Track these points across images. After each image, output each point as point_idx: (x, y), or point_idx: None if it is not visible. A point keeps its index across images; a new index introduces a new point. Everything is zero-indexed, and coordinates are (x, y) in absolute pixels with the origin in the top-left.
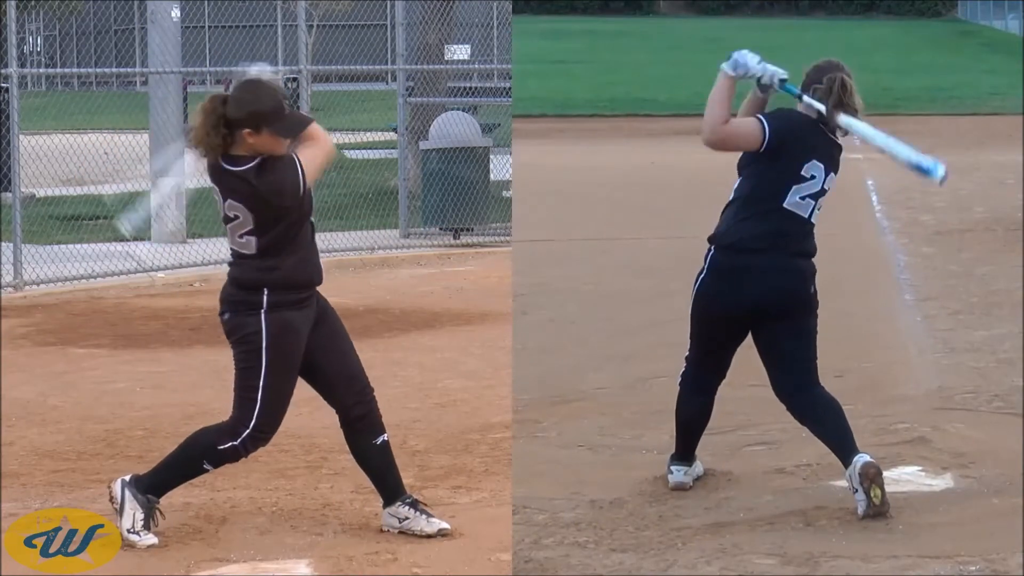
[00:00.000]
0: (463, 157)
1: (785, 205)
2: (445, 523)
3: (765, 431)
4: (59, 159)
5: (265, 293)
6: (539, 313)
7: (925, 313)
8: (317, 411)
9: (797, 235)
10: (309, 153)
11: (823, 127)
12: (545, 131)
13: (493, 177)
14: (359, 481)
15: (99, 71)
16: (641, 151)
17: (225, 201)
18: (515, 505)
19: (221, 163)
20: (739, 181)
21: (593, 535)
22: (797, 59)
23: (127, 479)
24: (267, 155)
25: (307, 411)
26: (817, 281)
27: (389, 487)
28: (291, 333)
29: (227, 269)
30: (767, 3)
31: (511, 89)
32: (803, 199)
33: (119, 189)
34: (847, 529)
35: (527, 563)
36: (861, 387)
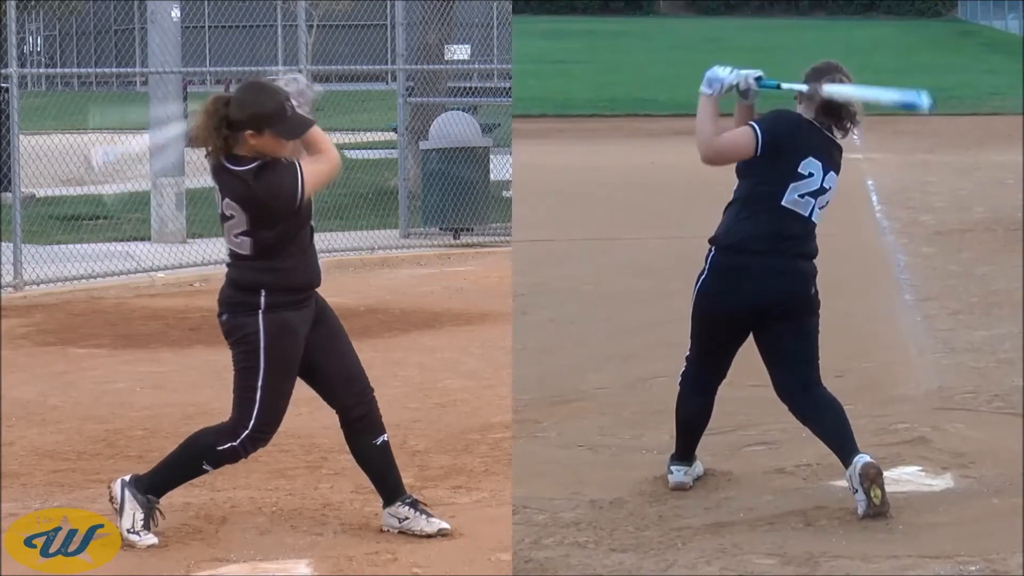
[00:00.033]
0: (463, 157)
1: (784, 203)
2: (445, 523)
3: (765, 431)
4: (59, 159)
5: (263, 294)
6: (539, 313)
7: (925, 313)
8: (317, 411)
9: (798, 236)
10: (314, 167)
11: (819, 126)
12: (545, 131)
13: (493, 177)
14: (359, 481)
15: (99, 71)
16: (641, 151)
17: (223, 200)
18: (515, 505)
19: (223, 161)
20: (738, 183)
21: (593, 535)
22: (797, 59)
23: (127, 479)
24: (269, 158)
25: (307, 411)
26: (817, 281)
27: (389, 487)
28: (289, 333)
29: (227, 270)
30: (767, 3)
31: (511, 89)
32: (802, 197)
33: (119, 189)
34: (847, 529)
35: (527, 563)
36: (861, 387)
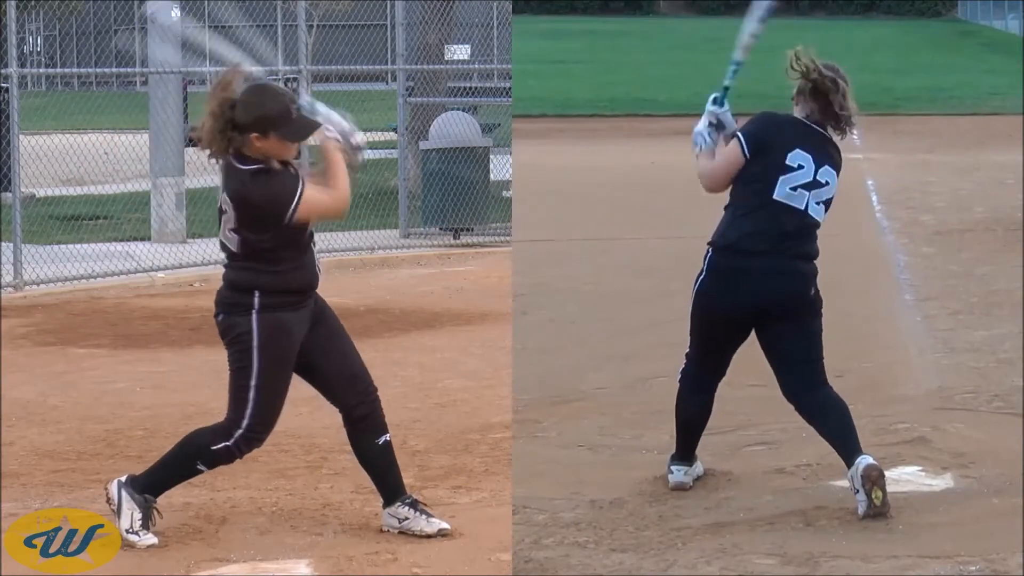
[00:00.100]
0: (463, 157)
1: (776, 197)
2: (445, 523)
3: (765, 431)
4: (59, 159)
5: (257, 295)
6: (539, 313)
7: (925, 313)
8: (317, 411)
9: (796, 233)
10: (318, 196)
11: (811, 123)
12: (545, 131)
13: (493, 177)
14: (359, 481)
15: (99, 71)
16: (641, 151)
17: (222, 193)
18: (515, 505)
19: (230, 158)
20: (732, 186)
21: (593, 535)
22: None
23: (123, 480)
24: (274, 163)
25: (307, 411)
26: (818, 282)
27: (389, 487)
28: (284, 333)
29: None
30: None
31: (511, 89)
32: (794, 190)
33: (119, 189)
34: (847, 529)
35: (527, 563)
36: (861, 387)
